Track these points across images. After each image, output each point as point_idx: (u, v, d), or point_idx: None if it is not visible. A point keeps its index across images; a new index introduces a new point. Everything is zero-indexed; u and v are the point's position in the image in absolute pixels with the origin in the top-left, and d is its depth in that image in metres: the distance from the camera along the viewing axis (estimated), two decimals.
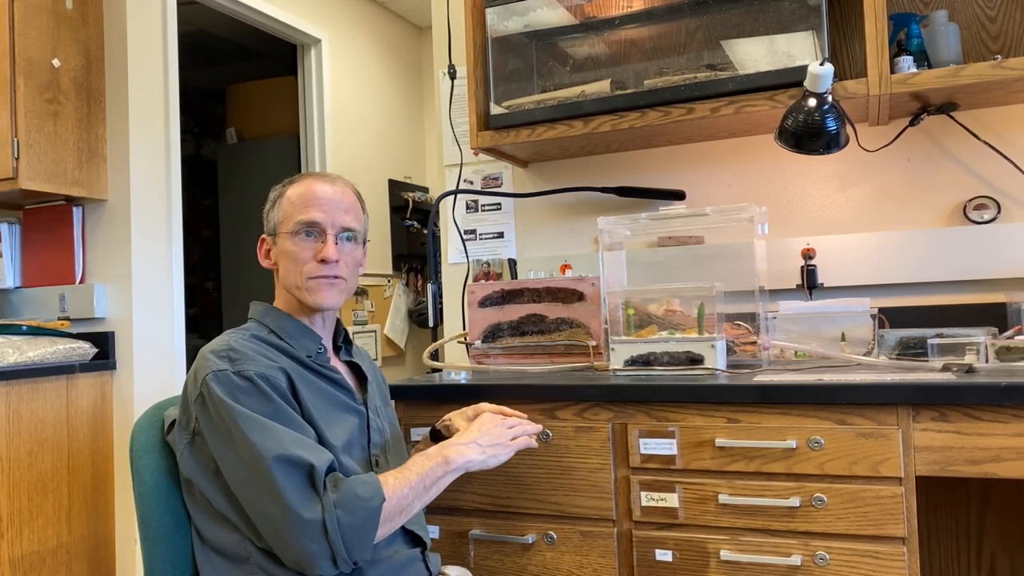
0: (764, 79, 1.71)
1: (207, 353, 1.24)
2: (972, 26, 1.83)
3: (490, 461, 1.31)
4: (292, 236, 1.33)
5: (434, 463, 1.26)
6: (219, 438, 1.18)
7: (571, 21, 2.02)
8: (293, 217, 1.33)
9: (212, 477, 1.21)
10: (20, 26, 2.31)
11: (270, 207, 1.39)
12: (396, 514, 1.20)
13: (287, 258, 1.33)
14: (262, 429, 1.16)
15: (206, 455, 1.21)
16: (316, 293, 1.32)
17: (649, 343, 1.61)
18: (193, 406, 1.22)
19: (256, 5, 3.55)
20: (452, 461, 1.27)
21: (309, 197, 1.34)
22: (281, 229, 1.35)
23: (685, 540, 1.41)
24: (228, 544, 1.21)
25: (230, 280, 4.48)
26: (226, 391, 1.18)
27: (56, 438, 2.32)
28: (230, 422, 1.17)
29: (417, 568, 1.31)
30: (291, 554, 1.14)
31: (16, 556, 2.18)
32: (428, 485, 1.24)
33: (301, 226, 1.32)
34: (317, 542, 1.12)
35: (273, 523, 1.13)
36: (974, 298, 1.83)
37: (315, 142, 4.01)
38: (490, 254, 2.33)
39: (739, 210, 1.71)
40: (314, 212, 1.33)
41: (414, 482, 1.22)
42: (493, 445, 1.32)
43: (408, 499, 1.21)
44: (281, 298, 1.38)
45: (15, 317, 2.60)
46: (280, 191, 1.39)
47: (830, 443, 1.32)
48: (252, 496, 1.15)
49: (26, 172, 2.30)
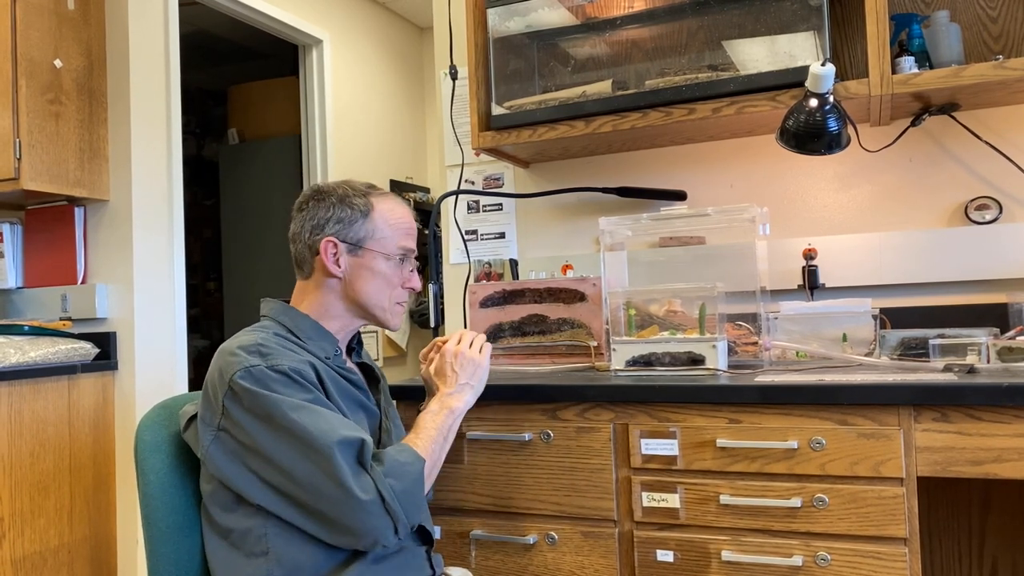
0: (765, 79, 1.71)
1: (235, 349, 1.24)
2: (974, 26, 1.83)
3: (481, 387, 1.44)
4: (389, 259, 1.36)
5: (443, 416, 1.35)
6: (259, 428, 1.19)
7: (572, 21, 2.02)
8: (395, 241, 1.37)
9: (244, 469, 1.21)
10: (22, 27, 2.31)
11: (355, 216, 1.35)
12: (431, 471, 1.29)
13: (378, 278, 1.36)
14: (311, 413, 1.19)
15: (233, 448, 1.21)
16: (398, 317, 1.40)
17: (650, 343, 1.61)
18: (222, 401, 1.21)
19: (258, 6, 3.55)
20: (456, 408, 1.37)
21: (409, 225, 1.40)
22: (373, 247, 1.35)
23: (686, 540, 1.41)
24: (246, 538, 1.22)
25: (232, 280, 4.48)
26: (262, 384, 1.19)
27: (58, 438, 2.33)
28: (271, 411, 1.18)
29: (421, 566, 1.31)
30: (348, 533, 1.17)
31: (18, 556, 2.19)
32: (446, 436, 1.34)
33: (404, 252, 1.38)
34: (378, 516, 1.17)
35: (331, 503, 1.16)
36: (976, 298, 1.83)
37: (316, 142, 4.01)
38: (491, 254, 2.33)
39: (740, 210, 1.71)
40: (412, 242, 1.40)
41: (435, 437, 1.31)
42: (473, 374, 1.43)
43: (436, 454, 1.31)
44: (318, 301, 1.36)
45: (17, 317, 2.60)
46: (366, 202, 1.36)
47: (831, 443, 1.32)
48: (307, 479, 1.17)
49: (28, 172, 2.30)
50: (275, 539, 1.21)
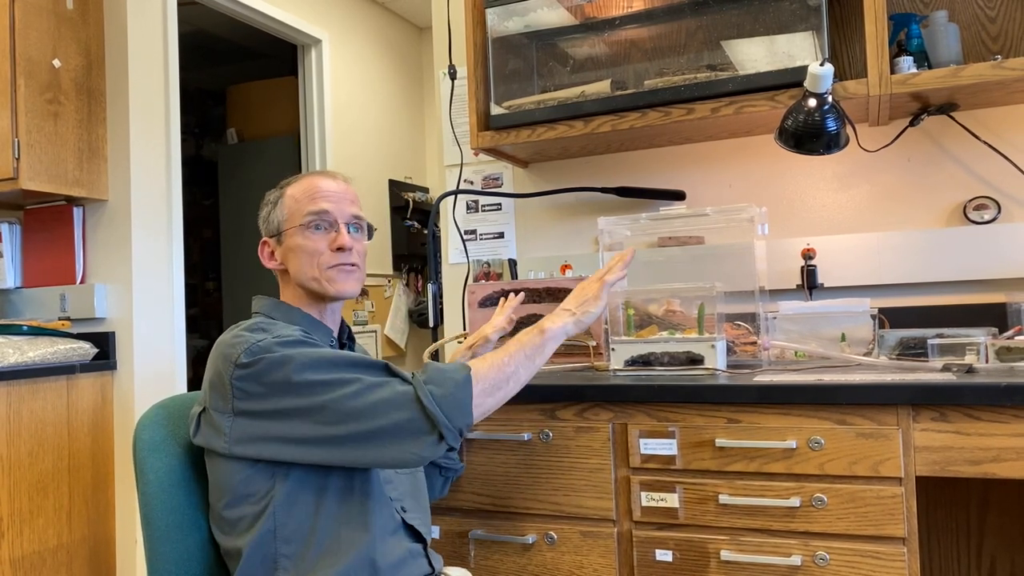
0: (764, 79, 1.72)
1: (239, 332, 1.24)
2: (972, 26, 1.83)
3: (585, 319, 1.41)
4: (303, 230, 1.34)
5: (532, 334, 1.35)
6: (279, 386, 1.18)
7: (571, 21, 2.02)
8: (301, 211, 1.34)
9: (273, 438, 1.19)
10: (21, 26, 2.31)
11: (270, 209, 1.39)
12: (501, 382, 1.27)
13: (300, 252, 1.34)
14: (328, 352, 1.21)
15: (256, 424, 1.20)
16: (336, 282, 1.34)
17: (649, 343, 1.61)
18: (232, 383, 1.20)
19: (257, 5, 3.55)
20: (548, 330, 1.36)
21: (314, 191, 1.36)
22: (287, 226, 1.35)
23: (685, 540, 1.41)
24: (253, 529, 1.22)
25: (231, 280, 4.48)
26: (273, 351, 1.19)
27: (56, 438, 2.32)
28: (287, 364, 1.18)
29: (420, 564, 1.31)
30: (391, 443, 1.17)
31: (16, 556, 2.19)
32: (530, 354, 1.32)
33: (312, 217, 1.33)
34: (418, 419, 1.16)
35: (369, 416, 1.16)
36: (974, 298, 1.83)
37: (315, 142, 4.01)
38: (490, 254, 2.33)
39: (739, 210, 1.71)
40: (323, 203, 1.34)
41: (513, 351, 1.31)
42: (582, 304, 1.42)
43: (510, 366, 1.28)
44: (290, 295, 1.38)
45: (16, 317, 2.60)
46: (279, 193, 1.40)
47: (830, 443, 1.32)
48: (337, 406, 1.16)
49: (27, 172, 2.30)
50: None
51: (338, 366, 1.20)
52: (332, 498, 1.23)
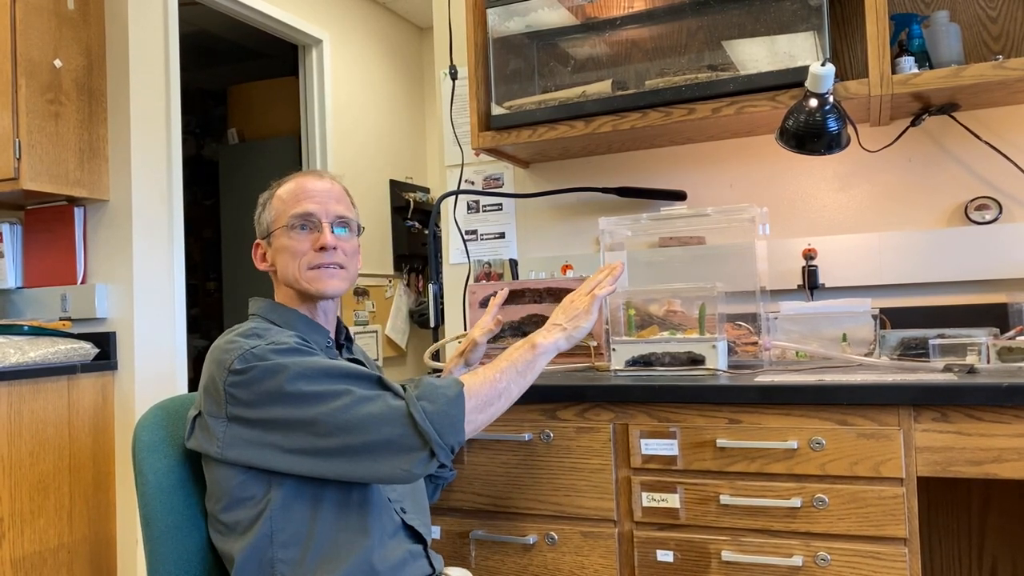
0: (765, 79, 1.71)
1: (233, 337, 1.24)
2: (973, 26, 1.83)
3: (576, 334, 1.39)
4: (288, 231, 1.34)
5: (522, 350, 1.34)
6: (271, 394, 1.17)
7: (572, 22, 2.02)
8: (286, 212, 1.34)
9: (265, 445, 1.19)
10: (22, 27, 2.31)
11: (261, 211, 1.40)
12: (492, 398, 1.25)
13: (285, 253, 1.34)
14: (322, 361, 1.20)
15: (249, 430, 1.19)
16: (318, 281, 1.33)
17: (650, 343, 1.61)
18: (226, 388, 1.19)
19: (257, 6, 3.55)
20: (539, 345, 1.35)
21: (299, 192, 1.36)
22: (275, 227, 1.36)
23: (686, 541, 1.41)
24: (250, 531, 1.22)
25: (231, 280, 4.48)
26: (265, 359, 1.19)
27: (57, 438, 2.33)
28: (280, 373, 1.17)
29: (421, 565, 1.31)
30: (381, 458, 1.16)
31: (17, 556, 2.19)
32: (522, 370, 1.31)
33: (296, 219, 1.33)
34: (409, 435, 1.15)
35: (360, 429, 1.15)
36: (975, 298, 1.83)
37: (316, 142, 4.01)
38: (491, 254, 2.33)
39: (740, 210, 1.71)
40: (307, 204, 1.34)
41: (504, 367, 1.29)
42: (573, 318, 1.40)
43: (501, 382, 1.27)
44: (283, 296, 1.38)
45: (17, 317, 2.60)
46: (269, 194, 1.40)
47: (831, 444, 1.32)
48: (329, 419, 1.16)
49: (28, 172, 2.30)
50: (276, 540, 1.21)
51: (332, 377, 1.19)
52: (329, 503, 1.22)
